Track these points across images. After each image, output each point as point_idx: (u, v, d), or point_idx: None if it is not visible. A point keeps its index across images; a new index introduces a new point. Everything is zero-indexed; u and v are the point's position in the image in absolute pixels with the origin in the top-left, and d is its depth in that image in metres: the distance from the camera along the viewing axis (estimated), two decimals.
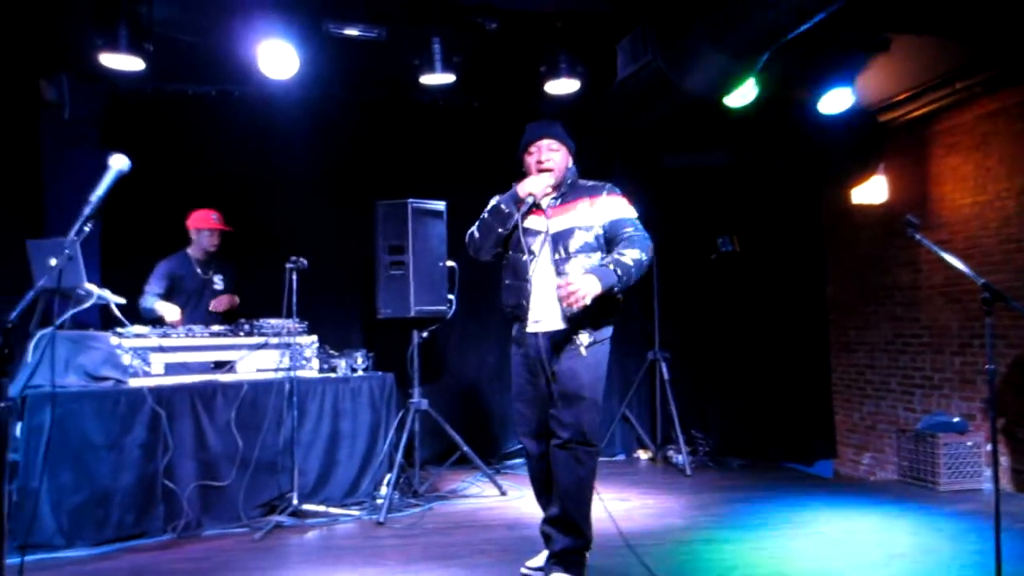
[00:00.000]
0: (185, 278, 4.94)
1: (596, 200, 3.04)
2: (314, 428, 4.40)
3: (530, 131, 3.16)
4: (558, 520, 2.98)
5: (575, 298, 2.73)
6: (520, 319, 3.06)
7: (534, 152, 3.10)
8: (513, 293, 3.06)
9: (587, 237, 3.00)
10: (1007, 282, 4.99)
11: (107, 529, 3.74)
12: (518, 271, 3.04)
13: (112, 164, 2.51)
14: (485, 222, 3.10)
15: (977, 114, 5.33)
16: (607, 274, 2.80)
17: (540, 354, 2.98)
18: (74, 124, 4.72)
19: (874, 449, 6.28)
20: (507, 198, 3.06)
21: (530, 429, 3.10)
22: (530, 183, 3.04)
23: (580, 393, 2.93)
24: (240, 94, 5.31)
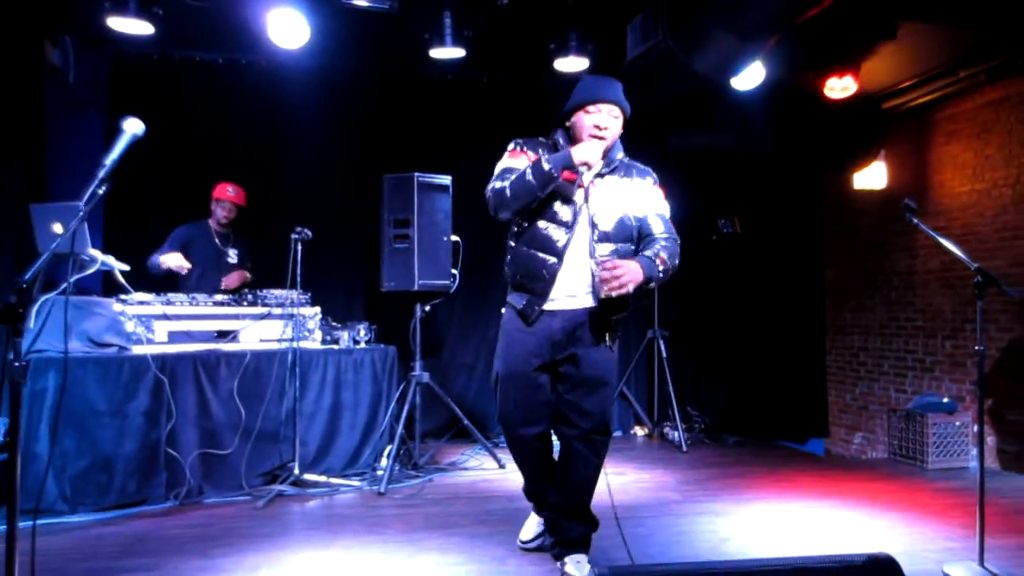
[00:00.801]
0: (201, 246, 4.93)
1: (641, 185, 2.83)
2: (316, 399, 4.42)
3: (594, 86, 2.76)
4: (570, 511, 2.87)
5: (619, 283, 2.51)
6: (535, 293, 2.75)
7: (594, 112, 2.71)
8: (534, 264, 2.74)
9: (626, 223, 2.78)
10: (1001, 269, 5.07)
11: (110, 495, 3.76)
12: (547, 243, 2.73)
13: (126, 128, 2.48)
14: (524, 182, 2.66)
15: (979, 103, 5.38)
16: (651, 266, 2.62)
17: (554, 335, 2.75)
18: (78, 88, 4.66)
19: (865, 429, 6.40)
20: (557, 161, 2.65)
21: (521, 413, 2.82)
22: (588, 150, 2.66)
23: (602, 380, 2.80)
24: (248, 62, 5.27)
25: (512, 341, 2.80)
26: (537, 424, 2.83)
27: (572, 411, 2.80)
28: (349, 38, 4.91)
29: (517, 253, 2.82)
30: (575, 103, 2.77)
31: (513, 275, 2.85)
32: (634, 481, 4.56)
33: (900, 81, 5.65)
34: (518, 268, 2.81)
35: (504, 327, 2.87)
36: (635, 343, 6.24)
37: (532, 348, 2.77)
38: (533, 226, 2.77)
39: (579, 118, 2.75)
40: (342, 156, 5.64)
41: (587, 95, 2.74)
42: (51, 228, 3.74)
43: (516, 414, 2.83)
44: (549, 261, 2.73)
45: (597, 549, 2.97)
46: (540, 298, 2.75)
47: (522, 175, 2.68)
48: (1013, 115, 5.15)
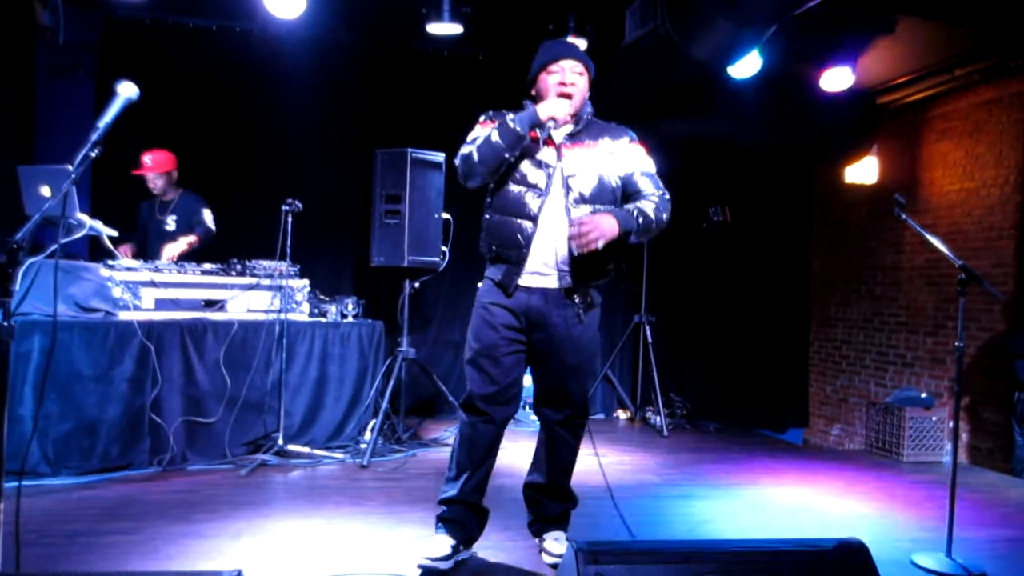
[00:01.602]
0: (148, 217, 4.89)
1: (619, 144, 2.71)
2: (302, 371, 4.43)
3: (553, 47, 2.73)
4: (550, 490, 2.84)
5: (589, 238, 2.43)
6: (511, 262, 2.64)
7: (556, 72, 2.64)
8: (508, 230, 2.63)
9: (606, 185, 2.66)
10: (985, 269, 5.14)
11: (92, 459, 3.77)
12: (520, 207, 2.62)
13: (120, 91, 2.45)
14: (491, 144, 2.57)
15: (972, 102, 5.41)
16: (627, 217, 2.52)
17: (531, 312, 2.64)
18: (68, 50, 4.59)
19: (844, 421, 6.50)
20: (523, 119, 2.57)
21: (493, 392, 2.66)
22: (553, 106, 2.58)
23: (585, 365, 2.74)
24: (242, 30, 5.21)
25: (489, 315, 2.67)
26: (507, 405, 2.71)
27: (555, 396, 2.74)
28: (346, 9, 4.87)
29: (491, 222, 2.71)
30: (537, 67, 2.71)
31: (489, 246, 2.72)
32: (615, 463, 4.61)
33: (896, 77, 5.67)
34: (493, 237, 2.70)
35: (480, 300, 2.74)
36: (621, 327, 6.30)
37: (512, 323, 2.66)
38: (505, 191, 2.66)
39: (543, 80, 2.68)
40: (335, 129, 5.60)
41: (546, 56, 2.69)
42: (39, 191, 3.71)
43: (489, 393, 2.66)
44: (524, 226, 2.61)
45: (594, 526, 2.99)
46: (517, 266, 2.63)
47: (488, 138, 2.59)
48: (1005, 116, 5.19)
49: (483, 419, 2.69)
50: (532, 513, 2.93)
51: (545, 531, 2.87)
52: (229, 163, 5.02)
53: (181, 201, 4.90)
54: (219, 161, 5.22)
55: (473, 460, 2.72)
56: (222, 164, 5.05)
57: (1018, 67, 4.95)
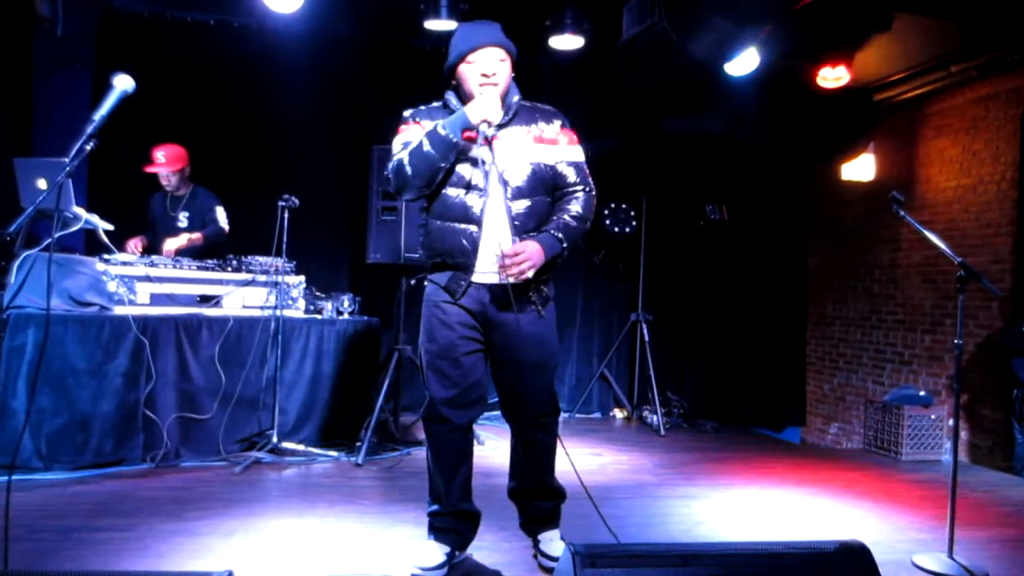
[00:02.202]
0: (156, 212, 4.87)
1: (551, 128, 2.58)
2: (297, 368, 4.41)
3: (470, 33, 2.52)
4: (536, 492, 2.77)
5: (521, 269, 2.37)
6: (459, 268, 2.52)
7: (475, 61, 2.47)
8: (453, 237, 2.49)
9: (538, 175, 2.55)
10: (983, 265, 5.13)
11: (86, 454, 3.75)
12: (463, 211, 2.49)
13: (116, 84, 2.44)
14: (422, 155, 2.42)
15: (969, 98, 5.41)
16: (552, 245, 2.46)
17: (487, 311, 2.53)
18: (66, 42, 4.59)
19: (842, 420, 6.49)
20: (454, 124, 2.42)
21: (454, 394, 2.55)
22: (484, 106, 2.42)
23: (549, 362, 2.64)
24: (240, 25, 5.20)
25: (442, 315, 2.55)
26: (470, 408, 2.59)
27: (521, 398, 2.62)
28: (344, 5, 4.87)
29: (432, 228, 2.56)
30: (454, 57, 2.52)
31: (432, 252, 2.58)
32: (611, 463, 4.60)
33: (892, 73, 5.67)
34: (436, 243, 2.55)
35: (428, 301, 2.61)
36: (618, 326, 6.28)
37: (467, 321, 2.54)
38: (444, 196, 2.52)
39: (461, 72, 2.51)
40: (331, 125, 5.58)
41: (466, 44, 2.49)
42: (35, 183, 3.69)
43: (451, 396, 2.55)
44: (469, 231, 2.49)
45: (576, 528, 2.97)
46: (465, 272, 2.51)
47: (419, 148, 2.44)
48: (1002, 112, 5.18)
49: (448, 427, 2.58)
50: (523, 515, 2.87)
51: (539, 531, 2.82)
52: (225, 158, 5.01)
53: (194, 197, 4.90)
54: (215, 156, 5.19)
55: (448, 470, 2.63)
56: (218, 159, 5.03)
57: (1014, 63, 4.95)
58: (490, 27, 2.55)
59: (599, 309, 6.37)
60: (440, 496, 2.66)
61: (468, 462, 2.68)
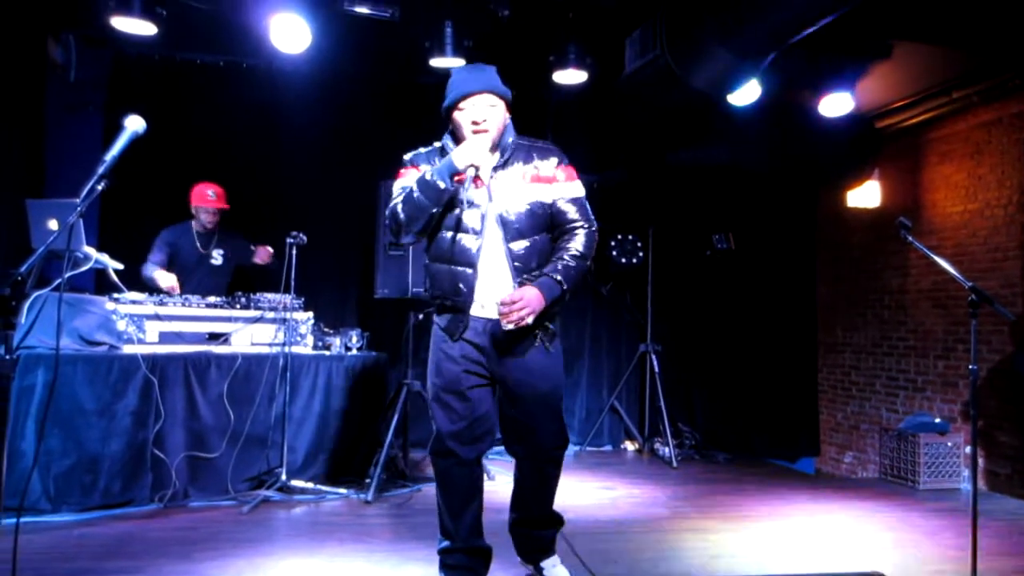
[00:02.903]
0: (183, 250, 4.90)
1: (547, 165, 2.60)
2: (306, 405, 4.39)
3: (461, 81, 2.57)
4: (540, 521, 2.79)
5: (520, 316, 2.41)
6: (456, 309, 2.57)
7: (466, 108, 2.53)
8: (450, 279, 2.55)
9: (538, 214, 2.58)
10: (992, 290, 5.10)
11: (94, 495, 3.72)
12: (459, 254, 2.54)
13: (127, 125, 2.48)
14: (414, 201, 2.48)
15: (972, 124, 5.43)
16: (552, 288, 2.49)
17: (490, 344, 2.56)
18: (79, 86, 4.68)
19: (856, 448, 6.40)
20: (442, 170, 2.47)
21: (461, 428, 2.57)
22: (470, 151, 2.47)
23: (557, 394, 2.67)
24: (249, 66, 5.29)
25: (443, 351, 2.61)
26: (478, 443, 2.61)
27: (523, 428, 2.63)
28: (350, 45, 4.94)
29: (431, 270, 2.64)
30: (447, 104, 2.59)
31: (432, 295, 2.65)
32: (624, 496, 4.54)
33: (894, 100, 5.70)
34: (436, 286, 2.62)
35: (435, 339, 2.67)
36: (627, 357, 6.25)
37: (472, 355, 2.58)
38: (441, 238, 2.58)
39: (455, 118, 2.58)
40: (339, 162, 5.65)
41: (456, 93, 2.56)
42: (47, 224, 3.74)
43: (458, 431, 2.57)
44: (465, 273, 2.54)
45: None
46: (462, 314, 2.57)
47: (410, 195, 2.50)
48: (1006, 136, 5.20)
49: (455, 462, 2.60)
50: (524, 544, 2.86)
51: (541, 559, 2.82)
52: (234, 196, 5.05)
53: (226, 235, 5.00)
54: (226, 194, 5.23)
55: (457, 505, 2.63)
56: (229, 197, 5.07)
57: (1016, 88, 4.97)
58: (482, 73, 2.60)
59: (607, 341, 6.35)
60: (450, 532, 2.64)
61: (478, 497, 2.67)
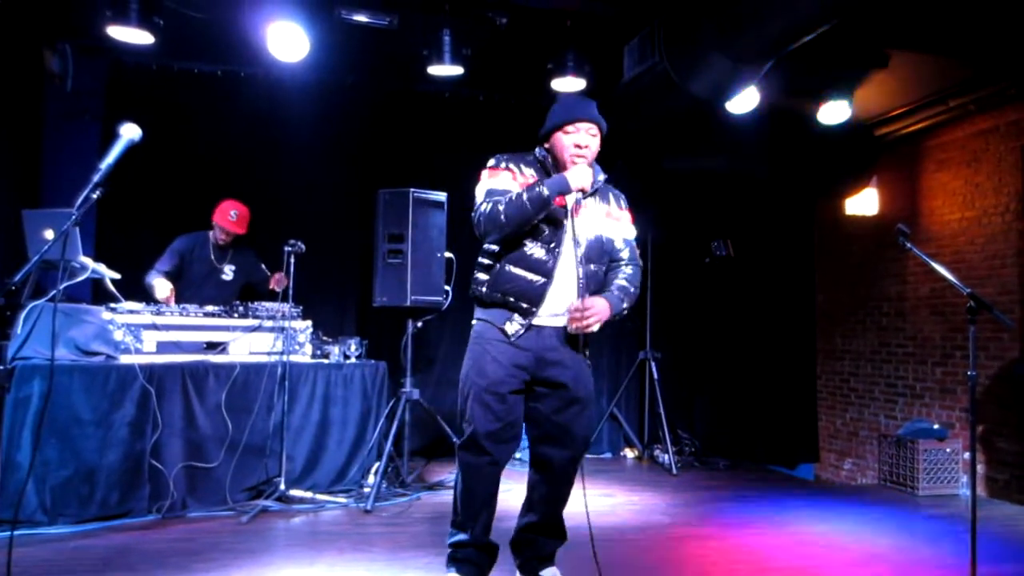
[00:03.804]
0: (197, 261, 4.86)
1: (616, 208, 2.88)
2: (304, 413, 4.37)
3: (571, 106, 2.78)
4: (548, 527, 2.85)
5: (587, 323, 2.62)
6: (521, 312, 2.71)
7: (572, 132, 2.71)
8: (523, 283, 2.71)
9: (605, 245, 2.82)
10: (991, 296, 5.10)
11: (91, 507, 3.69)
12: (535, 263, 2.71)
13: (123, 133, 2.47)
14: (521, 207, 2.62)
15: (969, 132, 5.45)
16: (617, 303, 2.72)
17: (542, 351, 2.71)
18: (76, 96, 4.67)
19: (855, 455, 6.39)
20: (553, 185, 2.63)
21: (496, 428, 2.69)
22: (583, 176, 2.65)
23: (592, 399, 2.84)
24: (246, 74, 5.30)
25: (497, 353, 2.70)
26: (510, 444, 2.75)
27: (564, 433, 2.74)
28: (348, 53, 4.94)
29: (501, 271, 2.75)
30: (553, 124, 2.76)
31: (492, 292, 2.75)
32: (623, 503, 4.53)
33: (892, 109, 5.72)
34: (501, 286, 2.74)
35: (481, 339, 2.75)
36: (626, 364, 6.24)
37: (520, 362, 2.70)
38: (519, 246, 2.72)
39: (558, 138, 2.74)
40: (338, 170, 5.65)
41: (565, 115, 2.74)
42: (43, 234, 3.72)
43: (494, 430, 2.69)
44: (538, 281, 2.70)
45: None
46: (526, 316, 2.71)
47: (518, 199, 2.64)
48: (1002, 144, 5.22)
49: (488, 460, 2.71)
50: (526, 553, 2.88)
51: (540, 568, 2.85)
52: None
53: (240, 251, 4.97)
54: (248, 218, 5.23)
55: (479, 502, 2.74)
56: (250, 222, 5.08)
57: (1012, 96, 5.00)
58: (589, 103, 2.81)
59: (607, 348, 6.34)
60: (465, 526, 2.76)
61: (496, 497, 2.80)
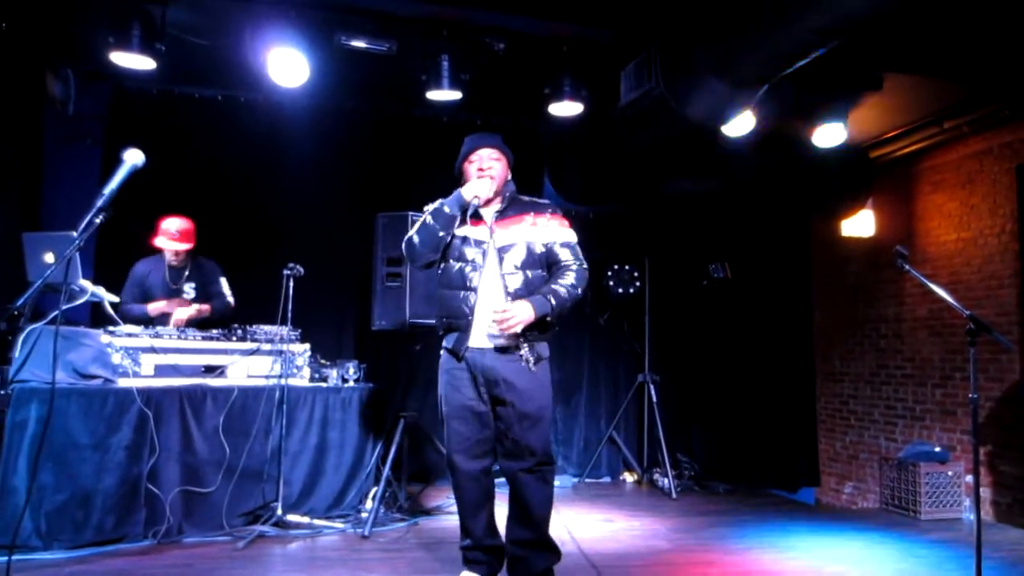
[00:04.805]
0: (154, 286, 4.68)
1: (540, 218, 3.10)
2: (302, 437, 4.35)
3: (471, 141, 3.21)
4: (533, 543, 3.02)
5: (508, 324, 2.84)
6: (460, 330, 3.00)
7: (475, 160, 3.13)
8: (454, 303, 3.01)
9: (532, 253, 3.05)
10: (989, 318, 5.10)
11: (86, 532, 3.66)
12: (462, 280, 3.01)
13: (126, 158, 2.49)
14: (427, 226, 3.02)
15: (963, 153, 5.49)
16: (542, 304, 2.91)
17: (486, 371, 2.97)
18: (77, 120, 4.70)
19: (856, 478, 6.35)
20: (452, 201, 3.03)
21: (466, 447, 3.01)
22: (475, 186, 3.04)
23: (541, 414, 3.00)
24: (246, 99, 5.34)
25: (452, 379, 3.03)
26: (483, 458, 3.05)
27: (517, 447, 2.98)
28: (347, 78, 4.99)
29: (440, 296, 3.11)
30: (461, 157, 3.19)
31: (440, 318, 3.11)
32: (624, 528, 4.49)
33: (886, 131, 5.77)
34: (442, 309, 3.08)
35: (442, 369, 3.09)
36: (625, 387, 6.22)
37: (473, 384, 3.00)
38: (448, 268, 3.08)
39: (465, 168, 3.16)
40: (337, 194, 5.67)
41: (466, 150, 3.18)
42: (42, 257, 3.73)
43: (463, 448, 3.01)
44: (467, 296, 3.00)
45: None
46: (464, 333, 3.00)
47: (424, 222, 3.05)
48: (997, 166, 5.26)
49: (464, 475, 3.04)
50: (516, 571, 3.03)
51: None
52: (232, 228, 5.06)
53: (198, 268, 4.81)
54: (222, 226, 5.24)
55: (471, 510, 3.07)
56: (225, 229, 5.08)
57: (1005, 118, 5.04)
58: (490, 136, 3.24)
59: (605, 371, 6.33)
60: (468, 531, 3.10)
61: (489, 503, 3.10)
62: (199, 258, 4.85)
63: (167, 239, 4.64)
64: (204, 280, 4.82)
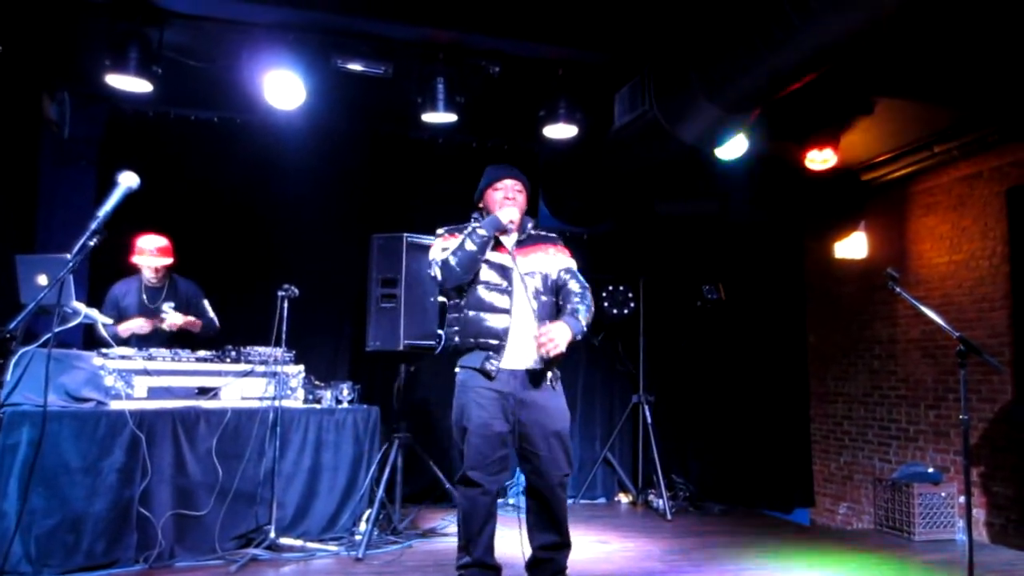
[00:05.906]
0: (130, 307, 4.62)
1: (552, 248, 3.33)
2: (296, 459, 4.32)
3: (497, 170, 3.37)
4: (560, 545, 3.18)
5: (554, 345, 2.96)
6: (492, 350, 3.10)
7: (501, 189, 3.29)
8: (487, 324, 3.12)
9: (548, 280, 3.26)
10: (981, 339, 5.14)
11: (76, 556, 3.60)
12: (493, 303, 3.14)
13: (121, 181, 2.50)
14: (465, 250, 3.13)
15: (954, 177, 5.55)
16: (575, 324, 3.08)
17: (517, 392, 3.09)
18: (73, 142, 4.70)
19: (850, 499, 6.35)
20: (488, 225, 3.17)
21: (485, 464, 3.08)
22: (509, 212, 3.20)
23: (567, 430, 3.17)
24: (242, 121, 5.36)
25: (479, 397, 3.09)
26: (498, 475, 3.14)
27: (548, 463, 3.09)
28: (343, 100, 5.02)
29: (468, 318, 3.17)
30: (484, 185, 3.35)
31: (465, 339, 3.16)
32: (619, 550, 4.47)
33: (878, 154, 5.83)
34: (470, 330, 3.15)
35: (466, 385, 3.15)
36: (620, 408, 6.22)
37: (501, 404, 3.09)
38: (478, 292, 3.17)
39: (489, 195, 3.32)
40: (332, 215, 5.69)
41: (492, 177, 3.34)
42: (36, 279, 3.72)
43: (483, 465, 3.08)
44: (500, 320, 3.12)
45: None
46: (497, 353, 3.10)
47: (461, 245, 3.14)
48: (987, 189, 5.31)
49: (480, 492, 3.09)
50: (544, 572, 3.18)
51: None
52: (227, 250, 5.06)
53: (175, 288, 4.76)
54: (218, 248, 5.25)
55: (477, 528, 3.11)
56: (221, 251, 5.07)
57: (995, 142, 5.10)
58: (514, 168, 3.40)
59: (600, 392, 6.33)
60: (469, 549, 3.14)
61: (493, 522, 3.17)
62: (176, 277, 4.79)
63: (146, 256, 4.58)
64: (186, 301, 4.76)
